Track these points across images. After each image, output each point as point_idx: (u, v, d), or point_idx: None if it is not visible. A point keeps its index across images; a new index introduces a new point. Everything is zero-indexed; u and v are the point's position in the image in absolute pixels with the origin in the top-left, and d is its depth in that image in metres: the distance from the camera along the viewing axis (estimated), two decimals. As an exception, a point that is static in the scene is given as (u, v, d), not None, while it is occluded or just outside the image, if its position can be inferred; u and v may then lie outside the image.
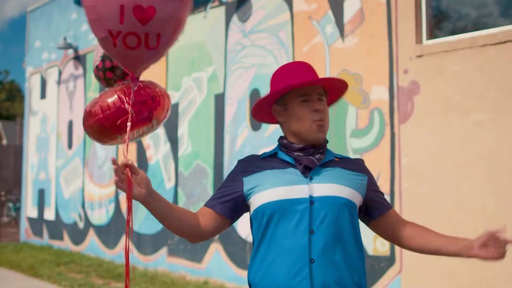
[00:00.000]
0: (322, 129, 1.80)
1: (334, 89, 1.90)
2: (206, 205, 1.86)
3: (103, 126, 2.03)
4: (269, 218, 1.73)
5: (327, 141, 1.88)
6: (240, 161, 1.90)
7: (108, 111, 1.99)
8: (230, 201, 1.82)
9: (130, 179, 1.64)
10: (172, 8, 1.69)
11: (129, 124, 1.81)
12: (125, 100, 1.96)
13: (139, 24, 1.66)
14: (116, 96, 2.00)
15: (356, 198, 1.78)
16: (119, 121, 1.95)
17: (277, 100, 1.86)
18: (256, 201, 1.77)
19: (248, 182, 1.80)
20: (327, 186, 1.73)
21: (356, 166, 1.87)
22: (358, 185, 1.80)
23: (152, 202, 1.73)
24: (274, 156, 1.86)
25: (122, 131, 1.98)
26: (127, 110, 1.90)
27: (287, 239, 1.69)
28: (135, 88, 1.84)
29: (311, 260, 1.66)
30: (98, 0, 1.66)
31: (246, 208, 1.84)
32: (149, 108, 2.01)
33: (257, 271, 1.73)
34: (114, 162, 1.61)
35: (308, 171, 1.76)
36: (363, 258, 1.77)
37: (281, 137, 1.91)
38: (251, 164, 1.85)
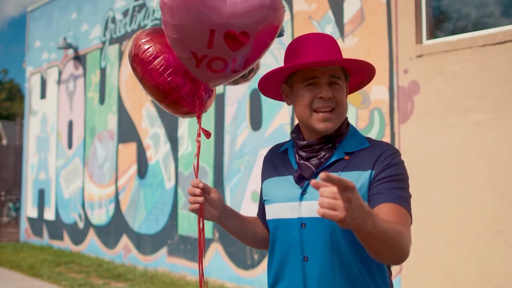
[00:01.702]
0: (328, 120, 1.48)
1: (356, 71, 1.57)
2: (257, 216, 1.79)
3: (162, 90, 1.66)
4: (272, 236, 1.60)
5: (348, 126, 1.57)
6: (263, 159, 1.73)
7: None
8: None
9: (202, 202, 1.57)
10: (264, 31, 1.52)
11: (199, 139, 1.69)
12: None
13: (229, 51, 1.51)
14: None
15: None
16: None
17: (286, 79, 1.58)
18: (266, 213, 1.66)
19: (263, 191, 1.67)
20: (317, 205, 1.40)
21: (366, 160, 1.49)
22: (359, 191, 1.42)
23: (224, 221, 1.64)
24: (286, 153, 1.63)
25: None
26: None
27: (284, 263, 1.53)
28: (208, 100, 1.70)
29: None
30: (186, 20, 1.47)
31: None
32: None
33: (269, 284, 1.64)
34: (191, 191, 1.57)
35: (304, 181, 1.50)
36: (379, 276, 1.49)
37: (293, 128, 1.62)
38: (267, 166, 1.68)
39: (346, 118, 1.59)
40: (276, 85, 1.62)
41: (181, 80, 1.62)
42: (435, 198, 4.62)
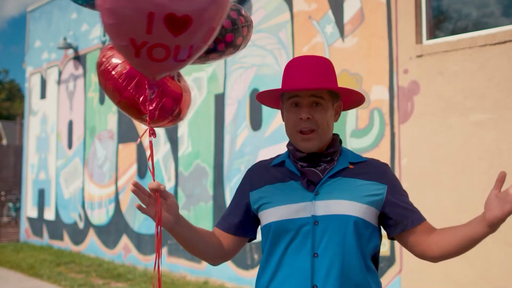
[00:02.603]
0: (308, 140, 1.60)
1: (343, 91, 1.68)
2: (218, 225, 1.77)
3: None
4: (273, 238, 1.62)
5: (340, 143, 1.69)
6: (248, 171, 1.77)
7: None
8: (240, 218, 1.72)
9: (161, 206, 1.54)
10: (210, 16, 1.41)
11: (151, 140, 1.61)
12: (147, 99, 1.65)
13: (171, 36, 1.38)
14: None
15: (369, 213, 1.58)
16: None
17: (281, 97, 1.71)
18: (263, 218, 1.67)
19: (255, 197, 1.69)
20: (332, 203, 1.57)
21: (375, 173, 1.64)
22: (372, 199, 1.59)
23: (178, 228, 1.61)
24: (282, 165, 1.70)
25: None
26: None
27: (291, 261, 1.58)
28: (153, 96, 1.62)
29: (314, 286, 1.53)
30: (120, 2, 1.36)
31: (259, 221, 1.74)
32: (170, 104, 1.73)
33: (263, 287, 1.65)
34: (136, 185, 1.51)
35: (313, 186, 1.60)
36: (375, 278, 1.61)
37: (289, 141, 1.71)
38: (259, 176, 1.72)
39: (338, 135, 1.71)
40: (274, 100, 1.76)
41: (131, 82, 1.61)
42: (435, 198, 4.62)
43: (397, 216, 1.61)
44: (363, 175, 1.62)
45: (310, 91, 1.60)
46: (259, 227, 1.74)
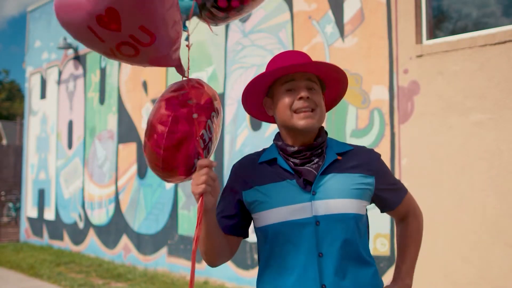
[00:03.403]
0: (308, 117, 1.58)
1: (331, 80, 1.68)
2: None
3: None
4: (273, 240, 1.58)
5: (326, 134, 1.68)
6: (237, 168, 1.71)
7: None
8: (237, 218, 1.66)
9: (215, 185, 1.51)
10: None
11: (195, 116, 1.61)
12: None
13: (116, 33, 1.38)
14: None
15: (363, 207, 1.62)
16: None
17: (267, 93, 1.68)
18: (259, 220, 1.62)
19: (248, 197, 1.63)
20: (331, 202, 1.56)
21: (363, 164, 1.65)
22: (363, 192, 1.61)
23: (212, 214, 1.53)
24: (273, 162, 1.65)
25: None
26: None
27: (295, 263, 1.55)
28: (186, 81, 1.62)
29: (322, 285, 1.52)
30: (73, 31, 1.42)
31: (251, 219, 1.69)
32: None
33: None
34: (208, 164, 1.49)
35: (310, 185, 1.57)
36: (375, 269, 1.64)
37: (276, 137, 1.70)
38: (249, 174, 1.66)
39: (323, 127, 1.69)
40: (258, 100, 1.72)
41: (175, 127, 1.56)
42: (435, 198, 4.62)
43: (383, 200, 1.73)
44: (352, 169, 1.63)
45: (306, 74, 1.61)
46: (254, 228, 1.69)
